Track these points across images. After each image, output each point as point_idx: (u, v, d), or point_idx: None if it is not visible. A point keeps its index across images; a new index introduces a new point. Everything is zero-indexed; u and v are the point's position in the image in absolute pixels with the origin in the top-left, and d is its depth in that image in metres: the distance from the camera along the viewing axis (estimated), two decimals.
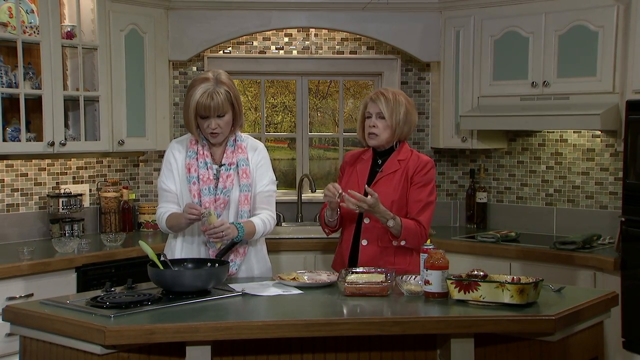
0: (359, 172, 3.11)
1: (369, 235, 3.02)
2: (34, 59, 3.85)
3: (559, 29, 4.00)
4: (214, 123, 2.82)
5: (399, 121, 3.01)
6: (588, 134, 4.25)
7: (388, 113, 3.00)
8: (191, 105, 2.80)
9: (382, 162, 3.08)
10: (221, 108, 2.80)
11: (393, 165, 3.05)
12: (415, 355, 2.49)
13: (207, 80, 2.81)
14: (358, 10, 4.44)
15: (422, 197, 3.02)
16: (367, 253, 3.01)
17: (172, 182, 2.93)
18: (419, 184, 3.03)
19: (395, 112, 3.00)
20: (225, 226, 2.76)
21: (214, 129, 2.82)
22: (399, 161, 3.05)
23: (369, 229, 3.02)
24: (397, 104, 3.01)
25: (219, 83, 2.81)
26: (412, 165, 3.04)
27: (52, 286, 3.44)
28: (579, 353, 2.57)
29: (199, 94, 2.78)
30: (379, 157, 3.10)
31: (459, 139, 4.43)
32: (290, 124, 4.98)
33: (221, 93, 2.79)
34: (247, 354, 2.43)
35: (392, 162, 3.06)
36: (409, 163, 3.05)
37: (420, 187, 3.03)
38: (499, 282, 2.47)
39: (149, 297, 2.53)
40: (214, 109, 2.79)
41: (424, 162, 3.05)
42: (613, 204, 4.15)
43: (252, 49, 4.71)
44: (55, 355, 2.38)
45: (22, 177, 4.06)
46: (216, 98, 2.78)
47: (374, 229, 3.01)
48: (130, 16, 4.18)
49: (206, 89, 2.78)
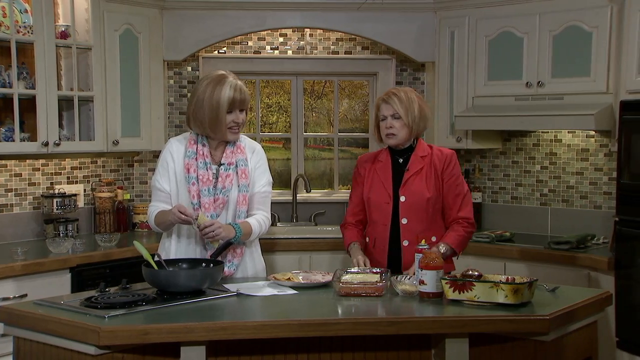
0: (380, 174, 3.08)
1: (409, 235, 3.00)
2: (28, 59, 3.83)
3: (553, 30, 4.01)
4: (240, 116, 2.86)
5: (415, 118, 3.01)
6: (582, 134, 4.26)
7: (403, 112, 3.00)
8: (222, 102, 2.80)
9: (403, 161, 3.07)
10: (247, 102, 2.88)
11: (417, 162, 3.05)
12: (410, 355, 2.49)
13: (226, 76, 2.86)
14: (353, 11, 4.44)
15: (459, 190, 3.05)
16: (410, 253, 2.96)
17: (166, 182, 2.92)
18: (452, 178, 3.04)
19: (409, 109, 3.00)
20: (215, 225, 2.76)
21: (238, 122, 2.86)
22: (422, 157, 3.05)
23: (409, 229, 3.01)
24: (410, 101, 3.01)
25: (237, 80, 2.88)
26: (438, 161, 3.05)
27: (46, 287, 3.43)
28: (573, 353, 2.57)
29: (229, 88, 2.82)
30: (398, 157, 3.09)
31: (453, 139, 4.43)
32: (285, 124, 4.98)
33: (245, 89, 2.88)
34: (241, 354, 2.43)
35: (415, 160, 3.05)
36: (432, 158, 3.05)
37: (454, 181, 3.05)
38: (493, 282, 2.47)
39: (143, 297, 2.53)
40: (246, 102, 2.87)
41: (449, 156, 3.07)
42: (607, 204, 4.16)
43: (247, 49, 4.71)
44: (49, 355, 2.37)
45: (16, 177, 4.04)
46: (244, 89, 2.87)
47: (413, 229, 3.00)
48: (125, 16, 4.18)
49: (234, 83, 2.84)
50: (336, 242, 4.16)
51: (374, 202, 3.07)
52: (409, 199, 3.01)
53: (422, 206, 3.00)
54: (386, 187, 3.04)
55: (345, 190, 4.89)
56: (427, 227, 3.01)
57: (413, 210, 3.01)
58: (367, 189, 3.09)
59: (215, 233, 2.76)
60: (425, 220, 3.01)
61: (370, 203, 3.08)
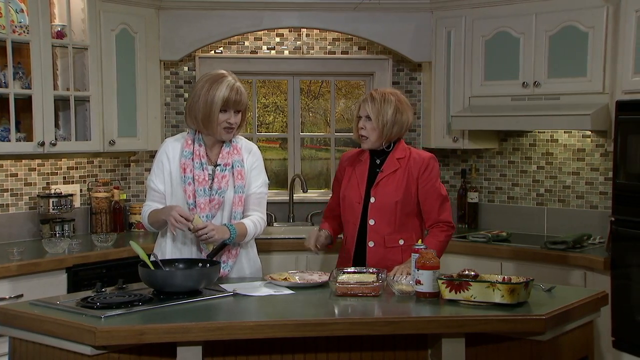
0: (357, 174, 3.08)
1: (375, 236, 3.01)
2: (24, 59, 3.83)
3: (549, 30, 4.01)
4: (233, 118, 2.85)
5: (386, 122, 2.98)
6: (578, 134, 4.27)
7: (374, 114, 2.98)
8: (216, 100, 2.80)
9: (380, 162, 3.07)
10: (244, 104, 2.87)
11: (392, 164, 3.04)
12: (407, 355, 2.49)
13: (225, 76, 2.85)
14: (350, 11, 4.44)
15: (437, 195, 3.03)
16: (375, 254, 2.99)
17: (161, 182, 2.92)
18: (429, 182, 3.02)
19: (381, 113, 2.98)
20: (209, 228, 2.76)
21: (232, 123, 2.85)
22: (398, 160, 3.04)
23: (375, 231, 3.00)
24: (385, 104, 2.98)
25: (236, 81, 2.87)
26: (415, 165, 3.02)
27: (42, 287, 3.43)
28: (569, 352, 2.58)
29: (226, 88, 2.81)
30: (376, 157, 3.08)
31: (450, 139, 4.43)
32: (281, 124, 4.98)
33: (243, 90, 2.87)
34: (238, 354, 2.43)
35: (391, 162, 3.04)
36: (409, 161, 3.03)
37: (431, 185, 3.02)
38: (490, 282, 2.48)
39: (139, 297, 2.52)
40: (242, 103, 2.85)
41: (426, 160, 3.03)
42: (603, 204, 4.17)
43: (243, 49, 4.71)
44: (45, 356, 2.37)
45: (12, 177, 4.04)
46: (242, 91, 2.86)
47: (379, 231, 3.00)
48: (121, 16, 4.17)
49: (232, 83, 2.83)
50: None
51: (347, 201, 3.07)
52: (378, 200, 3.01)
53: (391, 208, 2.98)
54: (360, 187, 3.05)
55: None
56: (395, 229, 3.00)
57: (381, 211, 3.00)
58: (344, 187, 3.10)
59: (208, 235, 2.76)
60: (393, 222, 3.00)
61: (344, 202, 3.09)
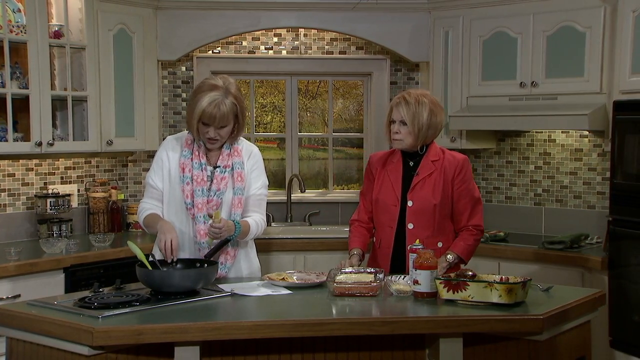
0: (391, 176, 3.04)
1: (414, 240, 2.92)
2: (21, 59, 3.82)
3: (547, 30, 4.01)
4: (213, 132, 2.80)
5: (422, 126, 2.95)
6: (576, 134, 4.28)
7: (409, 119, 2.94)
8: (196, 111, 2.77)
9: (414, 164, 3.04)
10: (225, 119, 2.78)
11: (427, 167, 3.01)
12: (404, 355, 2.50)
13: (216, 89, 2.78)
14: (347, 11, 4.45)
15: (471, 197, 3.02)
16: None
17: (159, 179, 2.93)
18: (464, 184, 3.00)
19: (417, 117, 2.94)
20: (224, 230, 2.77)
21: (213, 137, 2.82)
22: (433, 162, 3.01)
23: (414, 234, 2.96)
24: (420, 107, 2.95)
25: (228, 94, 2.78)
26: (450, 167, 3.00)
27: (40, 287, 3.42)
28: (567, 352, 2.58)
29: (206, 102, 2.75)
30: (409, 159, 3.05)
31: (448, 139, 4.43)
32: (279, 124, 4.98)
33: (227, 104, 2.77)
34: (236, 355, 2.43)
35: (426, 164, 3.01)
36: (444, 163, 3.01)
37: (465, 187, 3.01)
38: (487, 282, 2.48)
39: (137, 297, 2.52)
40: (219, 119, 2.77)
41: (461, 162, 3.02)
42: (601, 204, 4.17)
43: (241, 49, 4.70)
44: (43, 356, 2.37)
45: (9, 177, 4.03)
46: (222, 109, 2.76)
47: (418, 234, 2.95)
48: (119, 16, 4.17)
49: (214, 98, 2.75)
50: (331, 242, 4.17)
51: (382, 203, 3.04)
52: (416, 204, 2.98)
53: (429, 212, 2.97)
54: (395, 190, 3.01)
55: (339, 190, 4.90)
56: (433, 232, 2.99)
57: (419, 215, 2.98)
58: (377, 190, 3.06)
59: (222, 234, 2.78)
60: (432, 226, 2.99)
61: (378, 204, 3.05)
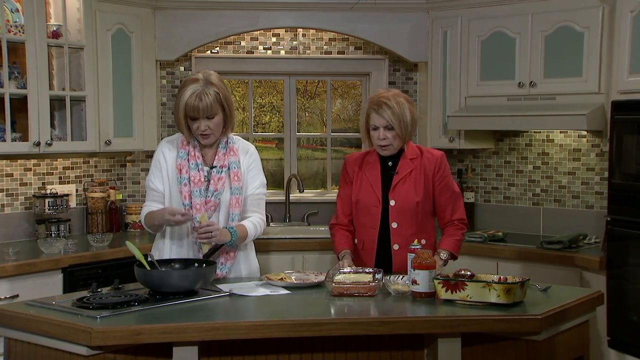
0: (369, 177, 3.04)
1: (399, 239, 2.99)
2: (19, 59, 3.82)
3: (545, 30, 4.02)
4: (203, 125, 2.81)
5: (407, 126, 2.96)
6: (574, 134, 4.28)
7: (397, 122, 2.93)
8: (180, 106, 2.79)
9: (392, 164, 3.04)
10: (210, 109, 2.78)
11: (407, 165, 3.01)
12: (403, 355, 2.50)
13: (196, 81, 2.80)
14: (346, 11, 4.45)
15: (452, 192, 3.05)
16: (400, 256, 2.96)
17: (160, 181, 2.92)
18: (444, 180, 3.03)
19: (402, 118, 2.93)
20: (215, 226, 2.75)
21: (203, 131, 2.81)
22: (411, 160, 3.02)
23: (398, 233, 2.98)
24: (401, 108, 2.94)
25: (209, 84, 2.80)
26: (429, 164, 3.01)
27: (38, 287, 3.42)
28: (565, 352, 2.58)
29: (188, 94, 2.77)
30: (388, 159, 3.05)
31: (446, 139, 4.44)
32: (278, 124, 4.98)
33: (210, 94, 2.78)
34: (234, 355, 2.43)
35: (404, 163, 3.02)
36: (423, 160, 3.02)
37: (446, 183, 3.03)
38: (486, 282, 2.48)
39: (135, 297, 2.52)
40: (203, 110, 2.78)
41: (439, 158, 3.04)
42: (599, 204, 4.17)
43: (239, 49, 4.70)
44: (41, 356, 2.37)
45: (8, 177, 4.03)
46: (205, 99, 2.77)
47: (402, 233, 2.98)
48: (117, 16, 4.16)
49: (195, 89, 2.77)
50: (329, 243, 4.13)
51: (363, 205, 3.04)
52: (399, 202, 2.99)
53: (412, 210, 2.98)
54: (375, 190, 3.02)
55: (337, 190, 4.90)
56: (417, 230, 3.00)
57: (403, 214, 2.99)
58: (356, 191, 3.06)
59: (212, 234, 2.75)
60: (415, 223, 3.00)
61: (359, 205, 3.05)
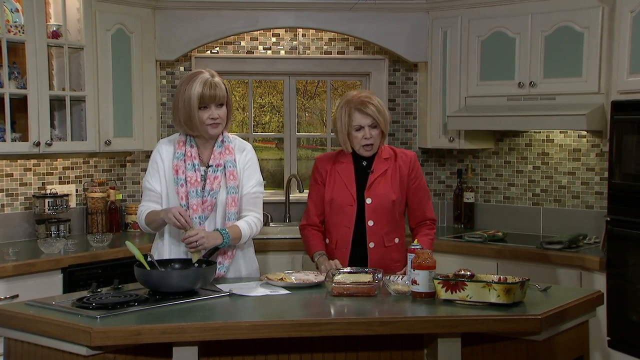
0: (343, 176, 3.05)
1: (374, 237, 3.01)
2: (19, 59, 3.82)
3: (545, 30, 4.02)
4: (215, 112, 2.85)
5: (388, 124, 3.03)
6: (574, 134, 4.28)
7: (382, 120, 2.97)
8: (193, 97, 2.80)
9: (367, 163, 3.06)
10: (222, 97, 2.86)
11: (382, 164, 3.04)
12: (403, 355, 2.50)
13: (200, 73, 2.86)
14: (346, 11, 4.45)
15: (424, 192, 3.10)
16: (375, 254, 3.00)
17: (157, 182, 2.92)
18: (417, 180, 3.08)
19: (384, 116, 2.99)
20: (199, 235, 2.72)
21: (215, 118, 2.84)
22: (386, 159, 3.05)
23: (374, 232, 3.01)
24: (382, 107, 3.01)
25: (215, 76, 2.88)
26: (404, 164, 3.05)
27: (38, 287, 3.42)
28: (565, 352, 2.58)
29: (200, 84, 2.81)
30: (362, 158, 3.06)
31: (446, 139, 4.44)
32: (278, 124, 4.98)
33: (220, 82, 2.87)
34: (234, 355, 2.43)
35: (379, 162, 3.05)
36: (397, 160, 3.05)
37: (419, 183, 3.09)
38: (485, 282, 2.48)
39: (135, 297, 2.52)
40: (218, 97, 2.84)
41: (413, 158, 3.09)
42: (599, 204, 4.18)
43: (239, 49, 4.70)
44: (41, 356, 2.37)
45: (7, 177, 4.03)
46: (218, 85, 2.85)
47: (378, 231, 3.00)
48: (117, 16, 4.16)
49: (205, 78, 2.83)
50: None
51: (337, 204, 3.04)
52: (375, 201, 3.01)
53: (388, 208, 3.01)
54: (350, 189, 3.03)
55: None
56: (391, 229, 3.03)
57: (379, 212, 3.01)
58: (329, 191, 3.06)
59: (198, 242, 2.72)
60: (390, 222, 3.03)
61: (333, 205, 3.06)
